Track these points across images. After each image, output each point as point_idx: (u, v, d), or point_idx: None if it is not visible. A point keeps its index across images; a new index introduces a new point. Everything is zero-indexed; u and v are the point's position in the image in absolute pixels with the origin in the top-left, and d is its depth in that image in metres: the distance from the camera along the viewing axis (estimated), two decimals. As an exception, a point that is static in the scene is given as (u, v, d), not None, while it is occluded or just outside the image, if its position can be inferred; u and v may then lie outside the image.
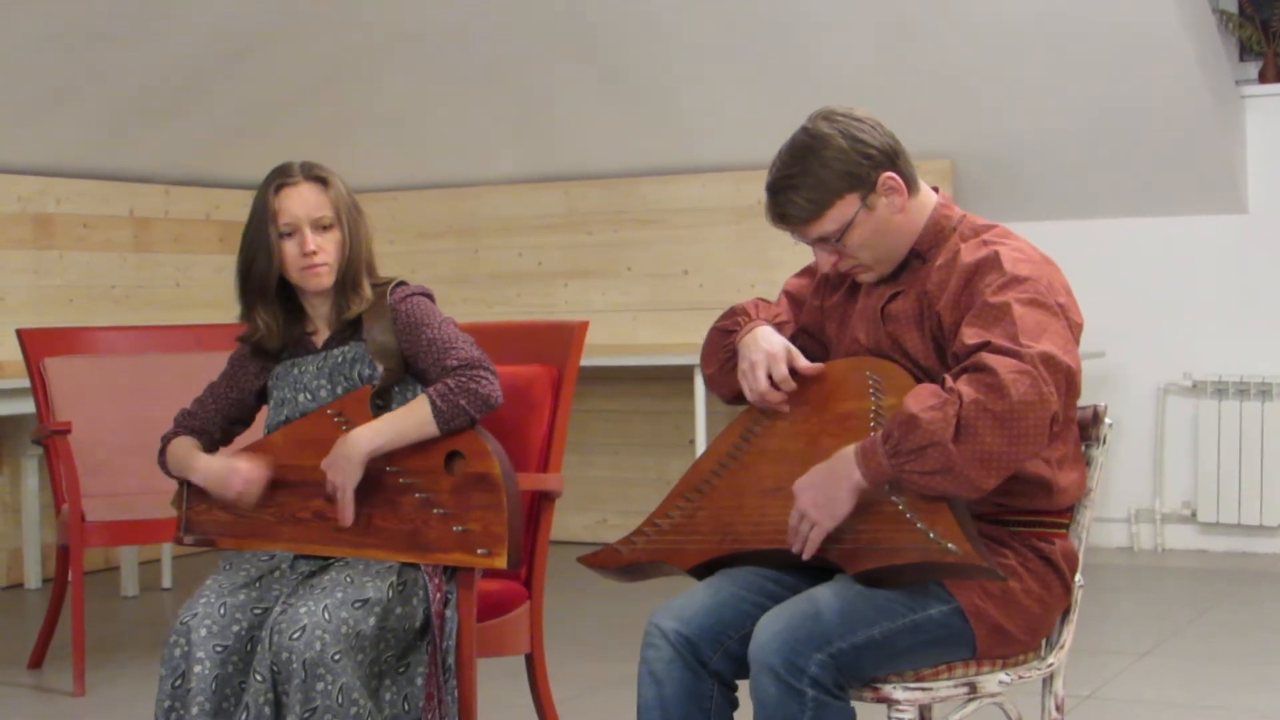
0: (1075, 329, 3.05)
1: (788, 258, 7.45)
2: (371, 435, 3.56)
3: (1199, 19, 7.18)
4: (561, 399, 4.09)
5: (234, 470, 3.67)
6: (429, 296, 3.75)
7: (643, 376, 8.22)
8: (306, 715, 3.33)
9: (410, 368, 3.68)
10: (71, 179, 7.70)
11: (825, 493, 2.98)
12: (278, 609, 3.43)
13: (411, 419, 3.57)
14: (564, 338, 4.14)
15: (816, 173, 3.10)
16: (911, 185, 3.17)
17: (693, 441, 7.56)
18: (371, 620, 3.43)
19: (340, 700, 3.34)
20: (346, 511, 3.58)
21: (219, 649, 3.43)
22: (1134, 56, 7.13)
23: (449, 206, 8.78)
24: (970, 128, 7.64)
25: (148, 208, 8.05)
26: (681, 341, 8.08)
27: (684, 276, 8.23)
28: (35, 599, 7.14)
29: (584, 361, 4.23)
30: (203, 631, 3.43)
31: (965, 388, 2.88)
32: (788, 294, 3.43)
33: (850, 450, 2.97)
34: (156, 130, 7.87)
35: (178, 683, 3.44)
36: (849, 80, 7.39)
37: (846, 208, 3.12)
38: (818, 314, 3.37)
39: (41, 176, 7.57)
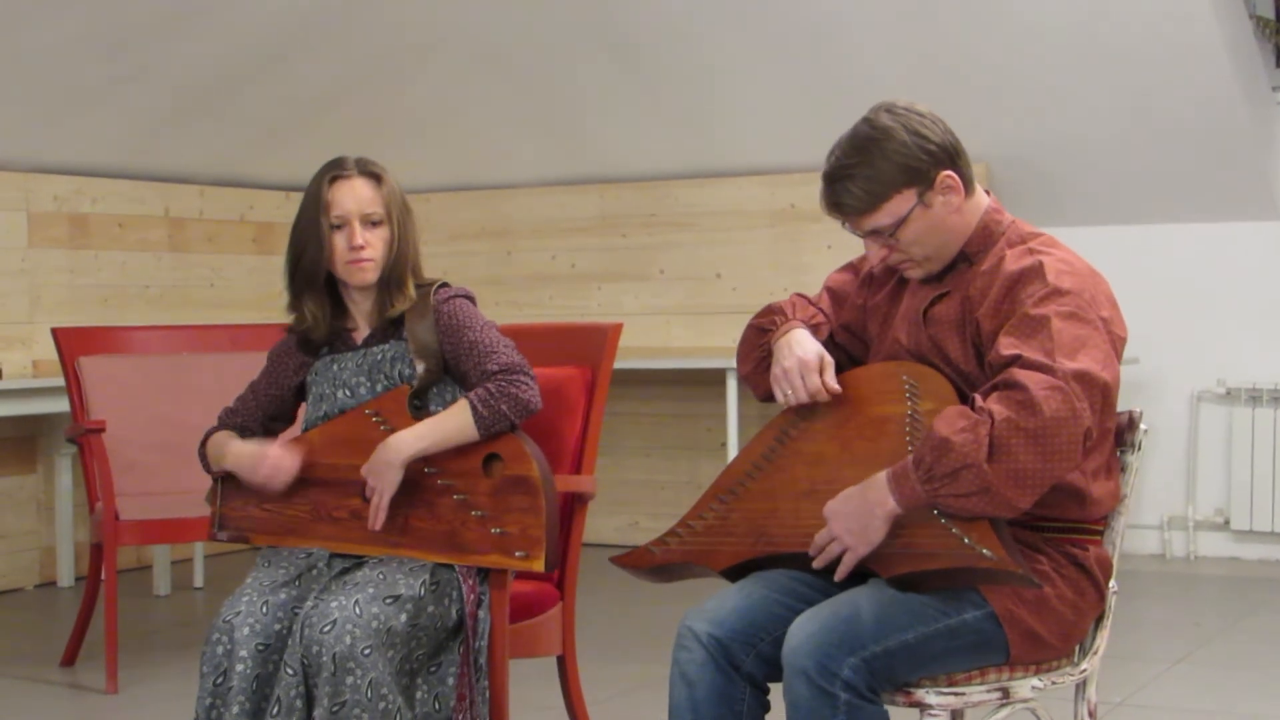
0: (1118, 343, 3.04)
1: (821, 261, 7.45)
2: (413, 440, 3.57)
3: (1235, 25, 7.16)
4: (595, 401, 4.09)
5: (263, 456, 3.69)
6: (471, 299, 3.77)
7: (675, 379, 8.22)
8: (335, 708, 3.34)
9: (449, 369, 3.70)
10: (107, 179, 7.74)
11: (859, 520, 2.98)
12: (309, 603, 3.45)
13: (452, 423, 3.58)
14: (598, 340, 4.14)
15: (876, 164, 3.08)
16: (969, 185, 3.16)
17: (724, 444, 7.56)
18: (403, 617, 3.44)
19: (369, 695, 3.35)
20: (379, 517, 3.59)
21: (260, 648, 3.44)
22: (1170, 62, 7.11)
23: (483, 208, 8.80)
24: (1006, 132, 7.62)
25: (183, 208, 8.08)
26: (714, 345, 8.08)
27: (717, 280, 8.22)
28: (68, 597, 7.17)
29: (616, 364, 4.23)
30: (245, 630, 3.44)
31: (996, 406, 2.87)
32: (830, 290, 3.42)
33: (882, 477, 2.96)
34: (192, 131, 7.90)
35: (219, 680, 3.44)
36: (884, 83, 7.37)
37: (903, 202, 3.11)
38: (860, 312, 3.36)
39: (77, 176, 7.60)
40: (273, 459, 3.68)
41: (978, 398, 2.92)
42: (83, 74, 7.13)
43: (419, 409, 3.64)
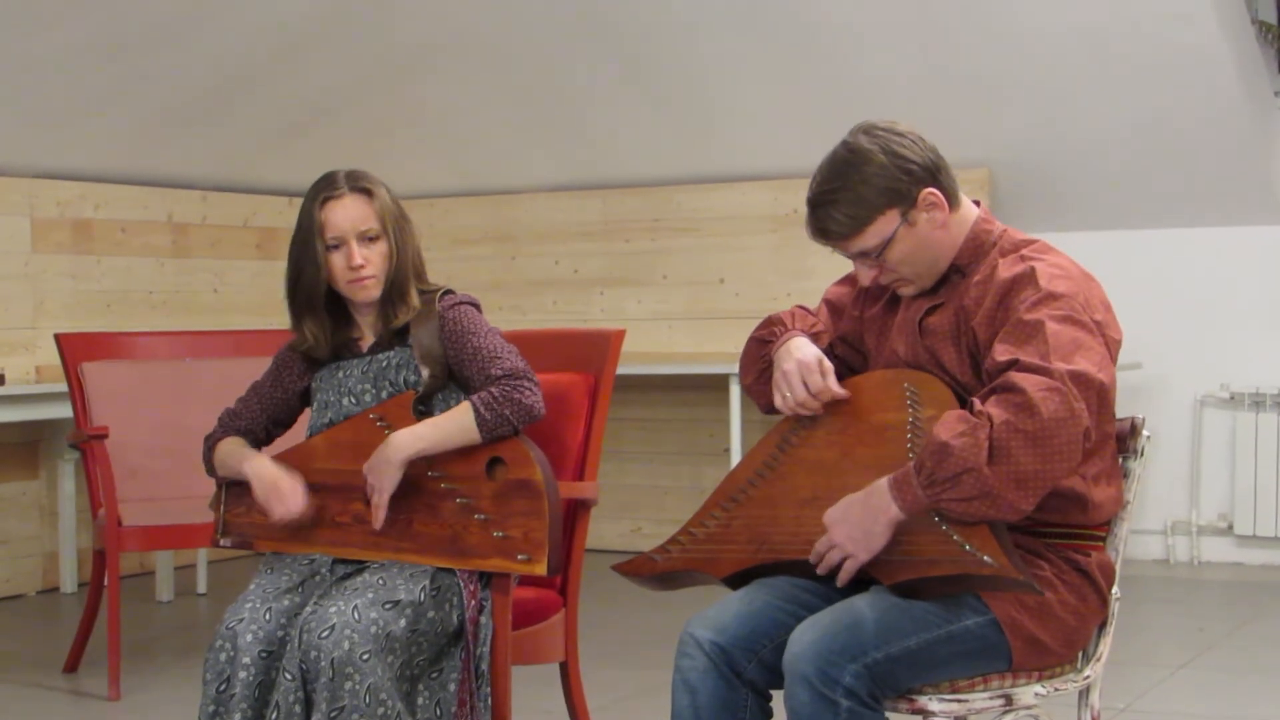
0: (1113, 345, 3.04)
1: (824, 267, 7.44)
2: (413, 439, 3.57)
3: (1238, 30, 7.15)
4: (598, 407, 4.09)
5: (276, 486, 3.68)
6: (476, 306, 3.77)
7: (678, 385, 8.22)
8: (334, 714, 3.33)
9: (453, 375, 3.70)
10: (110, 184, 7.74)
11: (861, 527, 2.98)
12: (309, 608, 3.45)
13: (455, 425, 3.58)
14: (601, 346, 4.14)
15: (857, 189, 3.09)
16: (953, 200, 3.17)
17: (727, 450, 7.55)
18: (402, 622, 3.43)
19: (368, 700, 3.34)
20: (379, 514, 3.59)
21: (264, 654, 3.44)
22: (1173, 67, 7.10)
23: (486, 213, 8.80)
24: (1008, 138, 7.62)
25: (186, 213, 8.09)
26: (717, 350, 8.08)
27: (720, 285, 8.22)
28: (71, 603, 7.17)
29: (619, 369, 4.23)
30: (249, 637, 3.44)
31: (995, 409, 2.87)
32: (828, 302, 3.43)
33: (884, 483, 2.96)
34: (195, 136, 7.90)
35: (222, 687, 3.45)
36: (886, 89, 7.39)
37: (887, 224, 3.11)
38: (857, 324, 3.37)
39: (80, 182, 7.61)
40: (286, 503, 3.67)
41: (976, 401, 2.92)
42: (86, 80, 7.13)
43: (423, 414, 3.64)
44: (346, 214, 3.66)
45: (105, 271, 7.69)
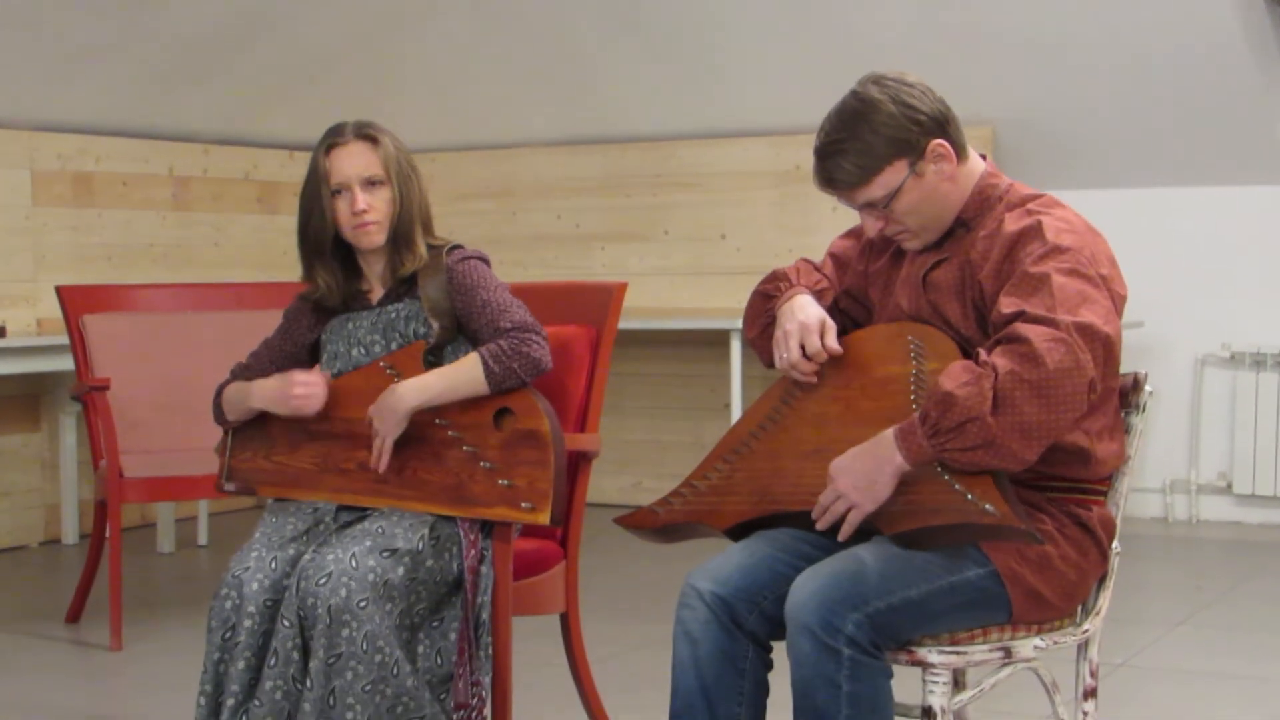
0: (1118, 300, 3.04)
1: (826, 223, 7.44)
2: (420, 389, 3.59)
3: (1244, -12, 7.14)
4: (599, 360, 4.09)
5: (290, 381, 3.70)
6: (485, 261, 3.78)
7: (679, 340, 8.22)
8: (331, 661, 3.35)
9: (462, 328, 3.71)
10: (111, 137, 7.73)
11: (867, 477, 2.98)
12: (308, 555, 3.46)
13: (462, 376, 3.59)
14: (603, 298, 4.14)
15: (865, 138, 3.08)
16: (960, 153, 3.16)
17: (728, 405, 7.57)
18: (400, 570, 3.45)
19: (365, 647, 3.36)
20: (383, 460, 3.60)
21: (269, 603, 3.45)
22: (1178, 25, 7.09)
23: (487, 168, 8.79)
24: (1012, 95, 7.60)
25: (187, 166, 8.08)
26: (718, 305, 8.08)
27: (722, 241, 8.22)
28: (73, 554, 7.19)
29: (621, 324, 4.23)
30: (254, 585, 3.46)
31: (1000, 359, 2.87)
32: (833, 256, 3.43)
33: (890, 434, 2.96)
34: (196, 89, 7.89)
35: (228, 635, 3.46)
36: (890, 44, 7.37)
37: (895, 174, 3.11)
38: (862, 278, 3.36)
39: (82, 135, 7.60)
40: (299, 386, 3.69)
41: (982, 352, 2.92)
42: (87, 32, 7.11)
43: (433, 364, 3.66)
44: (351, 160, 3.69)
45: (106, 224, 7.68)
